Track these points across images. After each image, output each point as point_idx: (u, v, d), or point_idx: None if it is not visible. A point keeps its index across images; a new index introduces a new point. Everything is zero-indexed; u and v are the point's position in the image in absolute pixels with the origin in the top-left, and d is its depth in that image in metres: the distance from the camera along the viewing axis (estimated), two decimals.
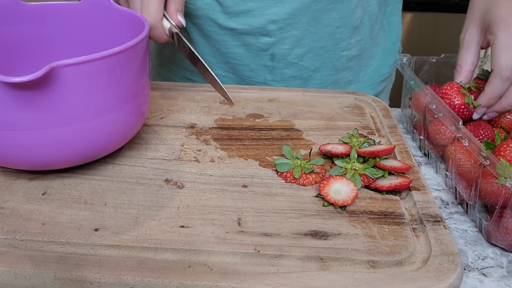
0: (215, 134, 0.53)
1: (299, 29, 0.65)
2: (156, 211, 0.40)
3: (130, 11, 0.49)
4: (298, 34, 0.65)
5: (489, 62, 0.59)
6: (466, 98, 0.51)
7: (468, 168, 0.45)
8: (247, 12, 0.63)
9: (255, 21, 0.64)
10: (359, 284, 0.34)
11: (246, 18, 0.64)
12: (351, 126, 0.56)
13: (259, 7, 0.63)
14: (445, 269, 0.35)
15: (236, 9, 0.63)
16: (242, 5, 0.63)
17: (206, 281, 0.34)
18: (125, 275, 0.34)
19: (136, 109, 0.44)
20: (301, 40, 0.65)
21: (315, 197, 0.43)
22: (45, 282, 0.34)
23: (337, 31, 0.65)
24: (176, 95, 0.61)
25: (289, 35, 0.65)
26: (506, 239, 0.41)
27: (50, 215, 0.39)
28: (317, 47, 0.66)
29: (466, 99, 0.51)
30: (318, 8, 0.63)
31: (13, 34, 0.50)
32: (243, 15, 0.64)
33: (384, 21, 0.72)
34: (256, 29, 0.64)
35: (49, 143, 0.39)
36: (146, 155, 0.48)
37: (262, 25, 0.64)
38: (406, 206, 0.43)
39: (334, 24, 0.65)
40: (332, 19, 0.65)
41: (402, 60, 0.59)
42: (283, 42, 0.66)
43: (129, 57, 0.40)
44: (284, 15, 0.63)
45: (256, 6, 0.63)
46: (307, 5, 0.63)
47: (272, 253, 0.36)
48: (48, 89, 0.35)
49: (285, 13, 0.63)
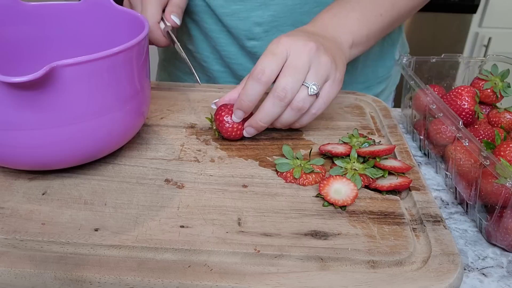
0: (215, 134, 0.53)
1: (285, 31, 0.65)
2: (156, 211, 0.40)
3: (130, 11, 0.49)
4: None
5: (489, 62, 0.59)
6: (476, 106, 0.51)
7: (468, 168, 0.45)
8: (232, 15, 0.64)
9: (240, 23, 0.64)
10: (359, 284, 0.34)
11: (232, 21, 0.64)
12: (351, 126, 0.56)
13: (243, 10, 0.63)
14: (445, 269, 0.35)
15: (221, 11, 0.64)
16: (226, 8, 0.63)
17: (206, 281, 0.34)
18: (125, 275, 0.34)
19: (136, 109, 0.44)
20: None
21: (315, 197, 0.43)
22: (45, 282, 0.34)
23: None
24: (176, 95, 0.61)
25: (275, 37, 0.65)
26: (506, 239, 0.41)
27: (50, 215, 0.39)
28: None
29: (476, 107, 0.51)
30: (303, 10, 0.63)
31: (13, 34, 0.50)
32: (229, 17, 0.64)
33: None
34: (242, 31, 0.65)
35: (49, 143, 0.39)
36: (146, 155, 0.48)
37: (248, 28, 0.64)
38: (406, 206, 0.43)
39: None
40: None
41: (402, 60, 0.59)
42: None
43: (129, 57, 0.40)
44: (268, 17, 0.63)
45: (240, 9, 0.63)
46: (291, 8, 0.63)
47: (272, 253, 0.36)
48: (48, 89, 0.35)
49: (269, 16, 0.63)
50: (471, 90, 0.51)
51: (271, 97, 0.47)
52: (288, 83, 0.47)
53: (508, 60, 0.58)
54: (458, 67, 0.62)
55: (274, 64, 0.47)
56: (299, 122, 0.51)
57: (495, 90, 0.55)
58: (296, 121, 0.50)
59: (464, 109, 0.51)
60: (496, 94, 0.55)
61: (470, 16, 1.86)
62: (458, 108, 0.51)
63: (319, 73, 0.48)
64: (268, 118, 0.48)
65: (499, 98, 0.55)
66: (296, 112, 0.48)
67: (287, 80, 0.47)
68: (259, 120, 0.49)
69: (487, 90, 0.55)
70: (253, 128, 0.50)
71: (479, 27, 1.90)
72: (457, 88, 0.52)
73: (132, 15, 0.48)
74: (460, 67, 0.62)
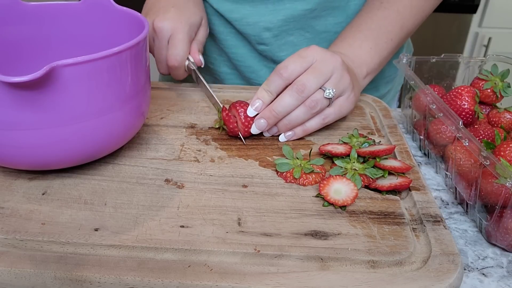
0: (215, 134, 0.53)
1: (295, 34, 0.65)
2: (156, 211, 0.40)
3: (130, 11, 0.49)
4: (293, 40, 0.65)
5: (489, 62, 0.59)
6: (476, 106, 0.51)
7: (468, 168, 0.45)
8: (241, 20, 0.64)
9: (249, 28, 0.64)
10: (359, 284, 0.34)
11: (241, 26, 0.64)
12: (351, 126, 0.56)
13: (252, 14, 0.63)
14: (445, 269, 0.35)
15: (230, 16, 0.64)
16: (235, 13, 0.63)
17: (206, 281, 0.34)
18: (125, 275, 0.34)
19: (136, 109, 0.44)
20: (297, 46, 0.65)
21: (315, 197, 0.43)
22: (45, 282, 0.34)
23: (334, 37, 0.65)
24: (176, 95, 0.61)
25: (284, 41, 0.65)
26: (506, 239, 0.41)
27: (50, 215, 0.39)
28: None
29: (476, 107, 0.51)
30: (312, 16, 0.64)
31: (13, 34, 0.50)
32: (237, 22, 0.64)
33: None
34: (252, 36, 0.65)
35: (49, 143, 0.39)
36: (146, 155, 0.48)
37: (257, 33, 0.64)
38: (406, 206, 0.43)
39: (331, 29, 0.65)
40: (329, 25, 0.65)
41: (402, 60, 0.59)
42: (280, 49, 0.66)
43: (129, 57, 0.40)
44: (278, 22, 0.63)
45: (249, 14, 0.63)
46: (300, 13, 0.63)
47: (272, 253, 0.36)
48: (48, 89, 0.35)
49: (279, 21, 0.63)
50: (471, 90, 0.51)
51: (289, 89, 0.49)
52: (309, 80, 0.49)
53: (508, 60, 0.58)
54: (458, 67, 0.62)
55: (299, 65, 0.49)
56: (306, 125, 0.51)
57: (495, 90, 0.55)
58: (304, 123, 0.51)
59: (464, 109, 0.51)
60: (496, 94, 0.55)
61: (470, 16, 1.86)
62: (458, 108, 0.51)
63: (338, 84, 0.50)
64: (282, 108, 0.50)
65: (499, 98, 0.55)
66: (308, 109, 0.50)
67: (309, 77, 0.49)
68: (273, 109, 0.50)
69: (487, 90, 0.55)
70: (264, 120, 0.50)
71: (479, 27, 1.90)
72: (457, 88, 0.52)
73: (132, 15, 0.48)
74: (460, 67, 0.62)
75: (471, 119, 0.51)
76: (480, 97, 0.54)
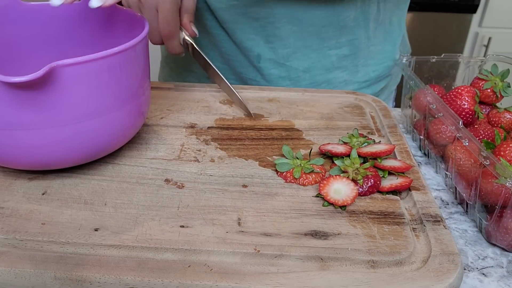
0: (215, 134, 0.53)
1: (281, 28, 0.64)
2: (156, 211, 0.40)
3: (130, 11, 0.49)
4: (280, 33, 0.65)
5: (489, 62, 0.59)
6: (476, 106, 0.51)
7: (468, 168, 0.45)
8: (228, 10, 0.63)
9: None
10: (359, 284, 0.34)
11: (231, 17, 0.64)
12: (351, 126, 0.56)
13: (240, 6, 0.63)
14: (445, 269, 0.35)
15: (216, 6, 0.63)
16: (223, 3, 0.63)
17: (206, 281, 0.34)
18: (125, 275, 0.34)
19: (136, 109, 0.44)
20: (284, 40, 0.65)
21: (315, 197, 0.43)
22: (45, 282, 0.34)
23: (322, 30, 0.64)
24: (176, 95, 0.61)
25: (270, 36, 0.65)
26: (506, 239, 0.41)
27: (50, 215, 0.39)
28: (303, 47, 0.66)
29: (475, 107, 0.51)
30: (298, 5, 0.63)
31: (13, 34, 0.50)
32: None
33: (385, 21, 0.72)
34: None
35: (49, 143, 0.39)
36: (146, 155, 0.48)
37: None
38: (406, 206, 0.43)
39: (318, 23, 0.65)
40: (315, 18, 0.65)
41: (402, 60, 0.59)
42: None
43: (129, 57, 0.40)
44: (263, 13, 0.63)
45: (237, 5, 0.63)
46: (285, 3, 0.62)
47: (272, 253, 0.36)
48: (48, 89, 0.35)
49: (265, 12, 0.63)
50: (471, 90, 0.51)
51: None
52: None
53: (508, 60, 0.58)
54: (458, 67, 0.62)
55: None
56: None
57: (495, 90, 0.55)
58: None
59: (464, 109, 0.51)
60: (496, 94, 0.55)
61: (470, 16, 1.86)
62: (458, 108, 0.51)
63: None
64: None
65: (499, 98, 0.55)
66: None
67: None
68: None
69: (487, 90, 0.55)
70: None
71: (479, 27, 1.90)
72: (457, 88, 0.52)
73: (132, 15, 0.48)
74: (460, 67, 0.62)
75: (471, 119, 0.51)
76: (480, 97, 0.55)
